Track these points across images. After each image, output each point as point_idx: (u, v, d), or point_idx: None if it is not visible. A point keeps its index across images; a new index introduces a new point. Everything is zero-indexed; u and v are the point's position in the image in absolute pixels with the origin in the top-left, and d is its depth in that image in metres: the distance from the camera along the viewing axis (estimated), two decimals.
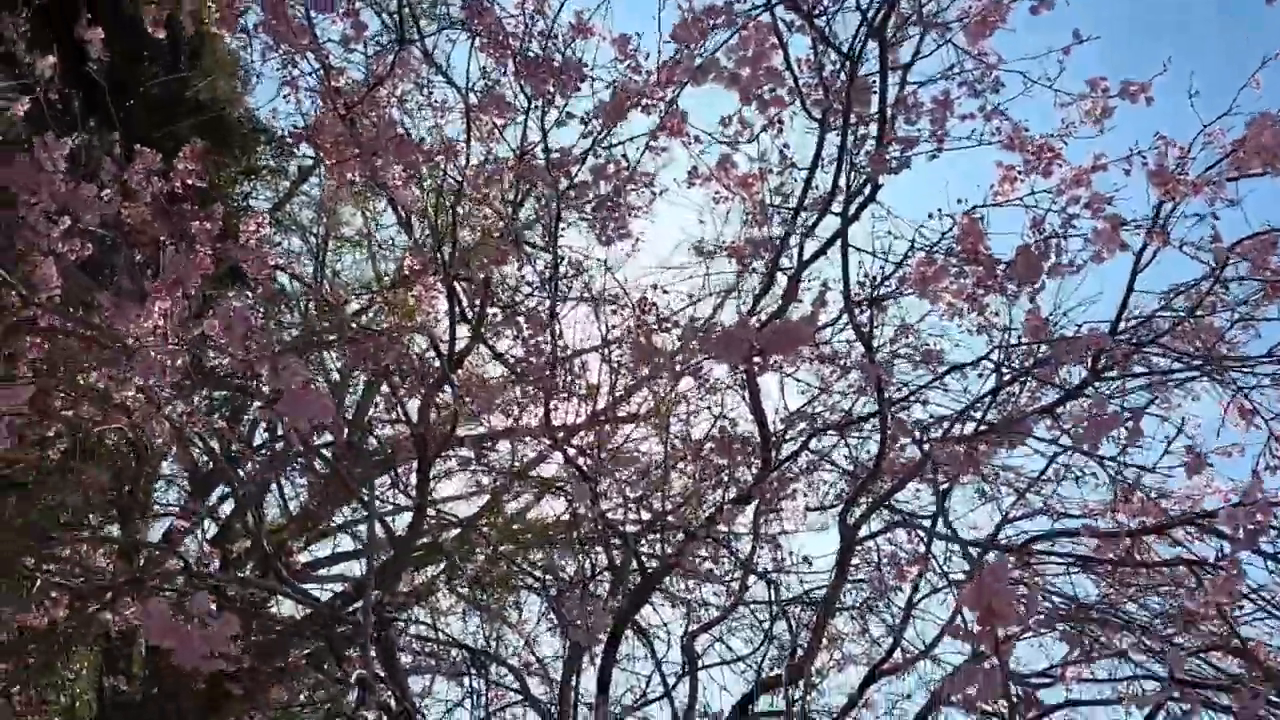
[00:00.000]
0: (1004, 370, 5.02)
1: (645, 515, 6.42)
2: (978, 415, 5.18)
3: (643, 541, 6.00)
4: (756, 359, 3.10)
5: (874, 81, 4.07)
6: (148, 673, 6.71)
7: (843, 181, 4.32)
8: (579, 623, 4.01)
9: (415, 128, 4.87)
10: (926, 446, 4.70)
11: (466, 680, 6.92)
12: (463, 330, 5.22)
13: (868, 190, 4.31)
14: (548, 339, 4.54)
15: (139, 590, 4.97)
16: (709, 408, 6.21)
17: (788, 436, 5.70)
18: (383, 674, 4.91)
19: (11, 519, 5.47)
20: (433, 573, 8.94)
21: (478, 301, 4.91)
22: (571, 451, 5.13)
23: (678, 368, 4.74)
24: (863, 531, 5.22)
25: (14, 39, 4.92)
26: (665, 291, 4.68)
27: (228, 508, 8.56)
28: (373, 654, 4.79)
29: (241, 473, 7.42)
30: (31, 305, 4.24)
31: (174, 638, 2.33)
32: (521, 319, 4.80)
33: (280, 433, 8.44)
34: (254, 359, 3.47)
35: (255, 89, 11.53)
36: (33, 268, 4.43)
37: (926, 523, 5.62)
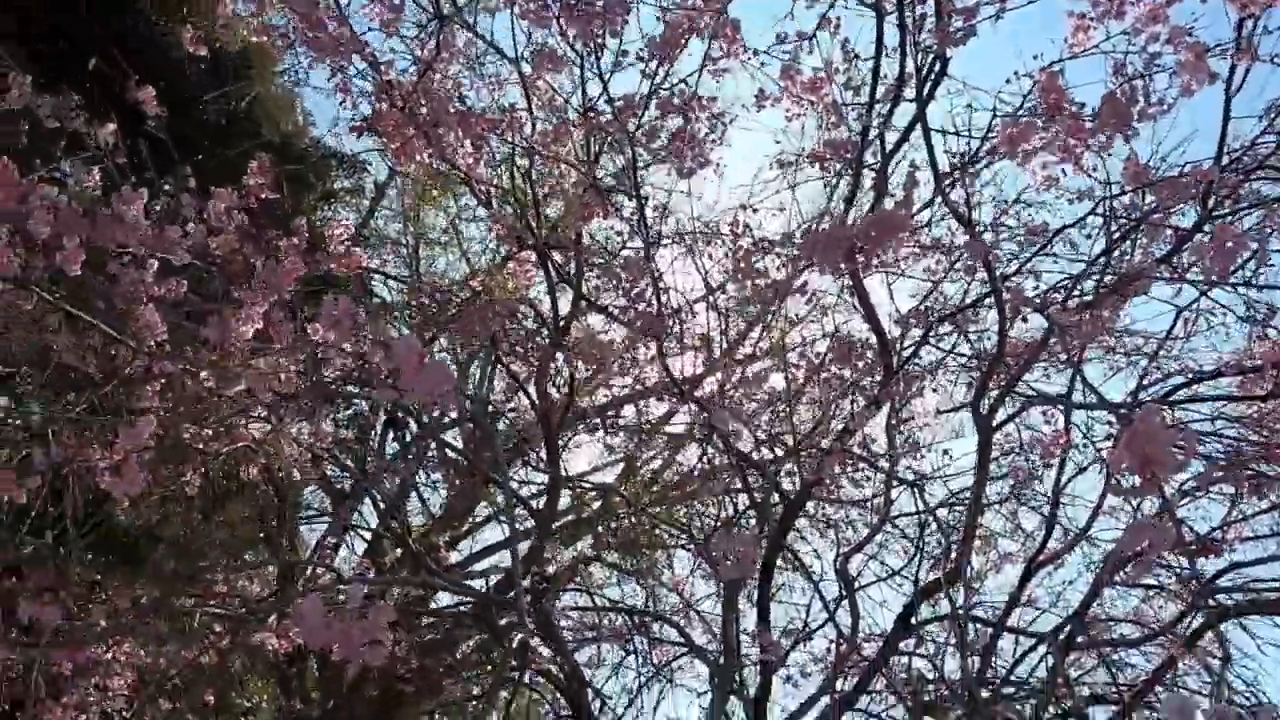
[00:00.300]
0: (1113, 225, 4.85)
1: (779, 450, 6.37)
2: (1094, 277, 5.02)
3: (781, 472, 5.94)
4: (858, 258, 3.01)
5: None
6: (321, 690, 6.86)
7: (910, 65, 4.20)
8: (728, 558, 3.97)
9: (474, 104, 4.84)
10: (1049, 313, 4.55)
11: (630, 643, 6.98)
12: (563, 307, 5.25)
13: (937, 68, 4.18)
14: (649, 283, 4.50)
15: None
16: (821, 325, 6.15)
17: (905, 337, 5.57)
18: (543, 642, 4.95)
19: (163, 565, 5.61)
20: (582, 546, 9.03)
21: (573, 263, 4.88)
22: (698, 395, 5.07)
23: (782, 286, 4.65)
24: (999, 417, 5.09)
25: (73, 115, 4.99)
26: (755, 210, 4.60)
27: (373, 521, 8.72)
28: (530, 625, 4.83)
29: (380, 479, 7.55)
30: (142, 354, 4.32)
31: (331, 635, 2.33)
32: (619, 269, 4.75)
33: (408, 437, 8.58)
34: (365, 351, 3.48)
35: (311, 106, 11.64)
36: (136, 318, 4.51)
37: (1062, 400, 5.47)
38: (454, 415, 6.66)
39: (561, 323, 4.89)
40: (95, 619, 4.41)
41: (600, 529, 8.19)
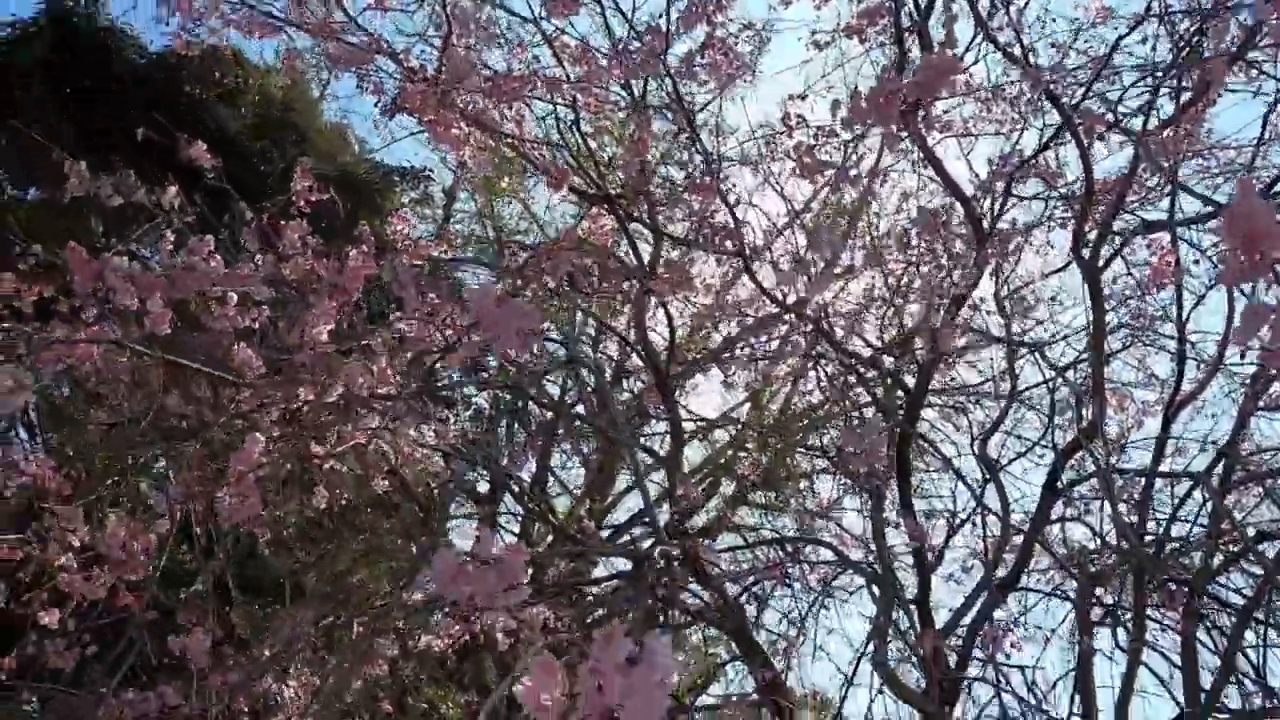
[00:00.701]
0: (1179, 30, 4.63)
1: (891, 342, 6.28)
2: (1169, 90, 4.81)
3: (900, 366, 5.85)
4: (917, 116, 2.90)
5: None
6: (497, 679, 6.94)
7: None
8: (858, 453, 3.90)
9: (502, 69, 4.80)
10: (1125, 126, 4.37)
11: (786, 573, 6.92)
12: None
13: None
14: (719, 203, 4.42)
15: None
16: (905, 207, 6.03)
17: (990, 197, 5.39)
18: (697, 582, 4.92)
19: (319, 592, 5.72)
20: (726, 490, 9.04)
21: (641, 202, 4.83)
22: (809, 313, 4.97)
23: (844, 169, 4.52)
24: (1103, 257, 4.91)
25: (134, 187, 5.08)
26: (803, 97, 4.48)
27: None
28: (677, 557, 4.80)
29: (517, 466, 7.60)
30: (243, 388, 4.39)
31: (467, 580, 2.31)
32: (685, 193, 4.68)
33: (533, 424, 8.66)
34: (451, 321, 3.47)
35: (363, 131, 11.82)
36: (232, 357, 4.59)
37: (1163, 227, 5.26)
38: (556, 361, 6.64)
39: (647, 264, 4.85)
40: (259, 652, 4.50)
41: (738, 468, 8.19)
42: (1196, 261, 5.50)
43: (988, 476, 5.65)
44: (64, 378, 4.04)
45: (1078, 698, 5.17)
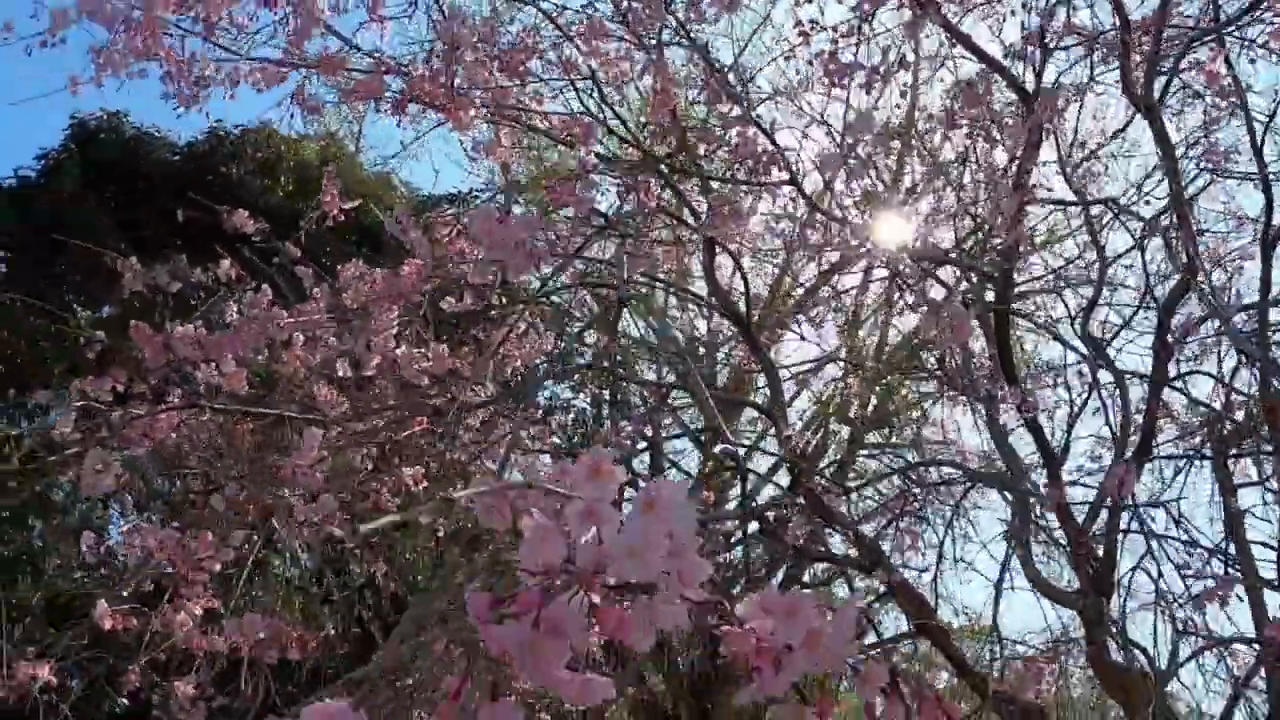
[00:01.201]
0: None
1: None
2: None
3: (980, 258, 5.67)
4: None
5: None
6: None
7: None
8: (942, 331, 3.75)
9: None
10: None
11: (916, 500, 6.78)
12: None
13: None
14: (754, 130, 4.30)
15: None
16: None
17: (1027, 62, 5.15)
18: (825, 524, 4.80)
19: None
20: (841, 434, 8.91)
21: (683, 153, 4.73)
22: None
23: (876, 63, 4.36)
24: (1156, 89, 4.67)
25: (188, 270, 5.11)
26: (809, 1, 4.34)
27: None
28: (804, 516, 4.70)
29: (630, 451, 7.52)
30: (330, 426, 4.37)
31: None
32: (720, 128, 4.56)
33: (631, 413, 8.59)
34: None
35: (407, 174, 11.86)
36: (312, 397, 4.59)
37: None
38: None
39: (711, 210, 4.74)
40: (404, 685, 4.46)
41: (848, 410, 8.06)
42: (1253, 61, 5.18)
43: (1095, 356, 5.46)
44: (153, 455, 4.05)
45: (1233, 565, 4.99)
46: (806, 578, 8.50)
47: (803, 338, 7.74)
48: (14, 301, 8.54)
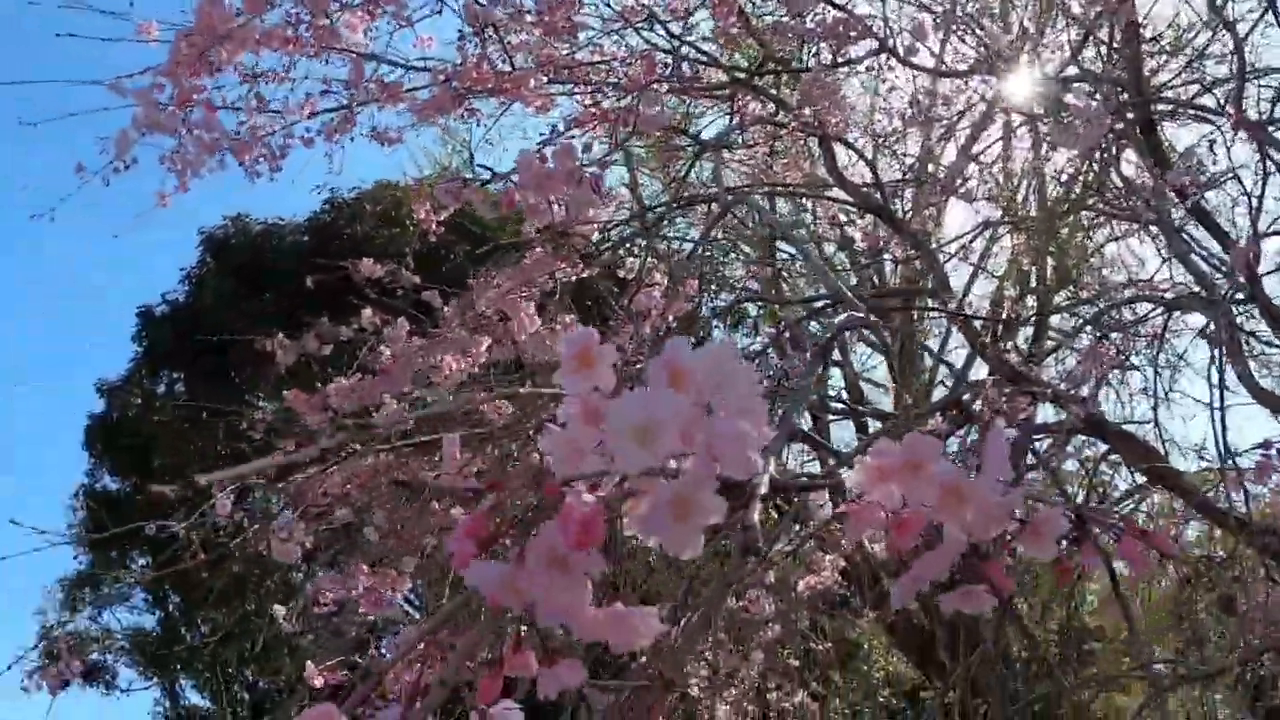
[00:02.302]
0: None
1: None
2: None
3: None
4: None
5: None
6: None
7: None
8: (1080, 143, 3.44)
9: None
10: None
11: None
12: None
13: None
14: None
15: None
16: None
17: None
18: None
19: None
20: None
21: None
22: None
23: None
24: None
25: (335, 330, 5.19)
26: None
27: None
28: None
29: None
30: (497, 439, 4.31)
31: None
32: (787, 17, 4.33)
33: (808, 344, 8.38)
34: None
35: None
36: (481, 414, 4.54)
37: None
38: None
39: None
40: None
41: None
42: None
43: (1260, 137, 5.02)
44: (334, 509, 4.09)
45: None
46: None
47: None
48: (189, 420, 8.88)
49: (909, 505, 0.78)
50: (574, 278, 4.12)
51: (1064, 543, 0.84)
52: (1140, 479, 5.05)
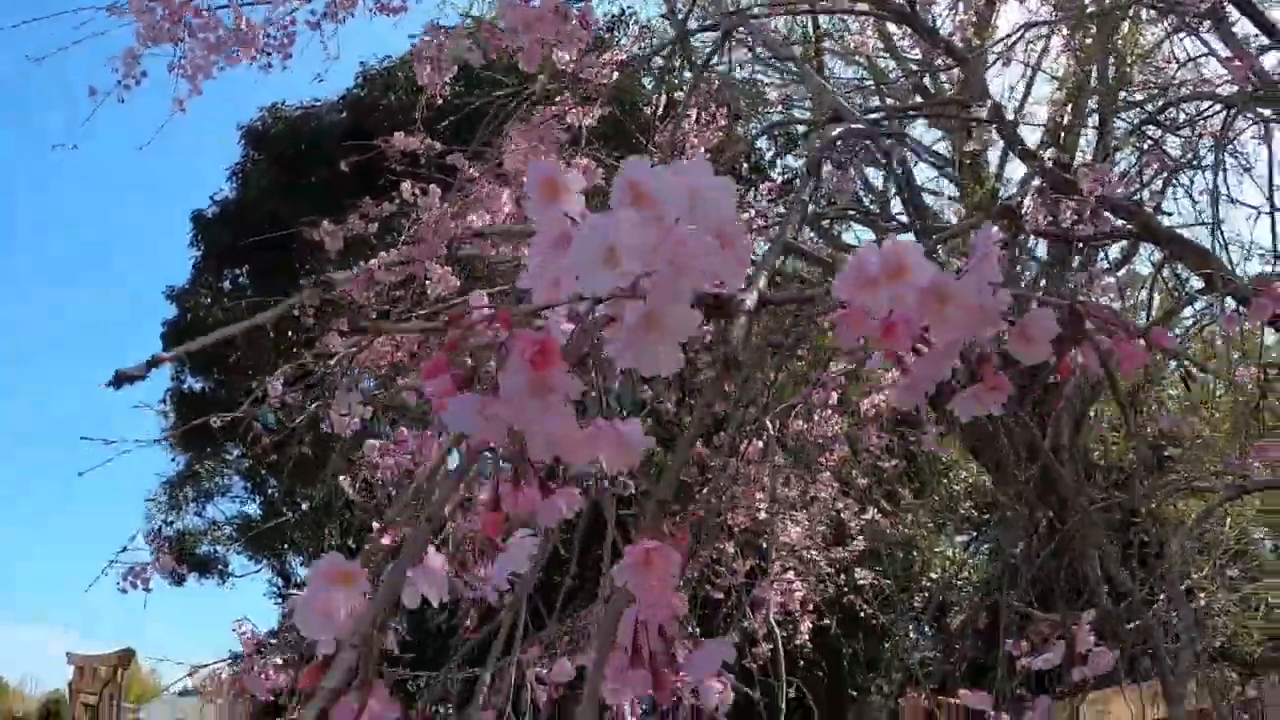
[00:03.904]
0: None
1: None
2: None
3: None
4: None
5: None
6: None
7: None
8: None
9: None
10: None
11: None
12: None
13: None
14: None
15: None
16: None
17: None
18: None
19: None
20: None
21: None
22: None
23: None
24: None
25: (378, 214, 5.14)
26: None
27: None
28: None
29: None
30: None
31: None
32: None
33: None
34: None
35: None
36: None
37: None
38: None
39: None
40: None
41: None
42: None
43: None
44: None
45: None
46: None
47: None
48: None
49: (894, 309, 0.77)
50: (590, 120, 3.99)
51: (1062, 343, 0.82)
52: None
